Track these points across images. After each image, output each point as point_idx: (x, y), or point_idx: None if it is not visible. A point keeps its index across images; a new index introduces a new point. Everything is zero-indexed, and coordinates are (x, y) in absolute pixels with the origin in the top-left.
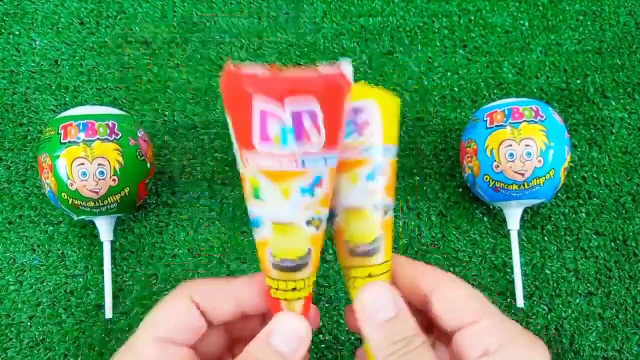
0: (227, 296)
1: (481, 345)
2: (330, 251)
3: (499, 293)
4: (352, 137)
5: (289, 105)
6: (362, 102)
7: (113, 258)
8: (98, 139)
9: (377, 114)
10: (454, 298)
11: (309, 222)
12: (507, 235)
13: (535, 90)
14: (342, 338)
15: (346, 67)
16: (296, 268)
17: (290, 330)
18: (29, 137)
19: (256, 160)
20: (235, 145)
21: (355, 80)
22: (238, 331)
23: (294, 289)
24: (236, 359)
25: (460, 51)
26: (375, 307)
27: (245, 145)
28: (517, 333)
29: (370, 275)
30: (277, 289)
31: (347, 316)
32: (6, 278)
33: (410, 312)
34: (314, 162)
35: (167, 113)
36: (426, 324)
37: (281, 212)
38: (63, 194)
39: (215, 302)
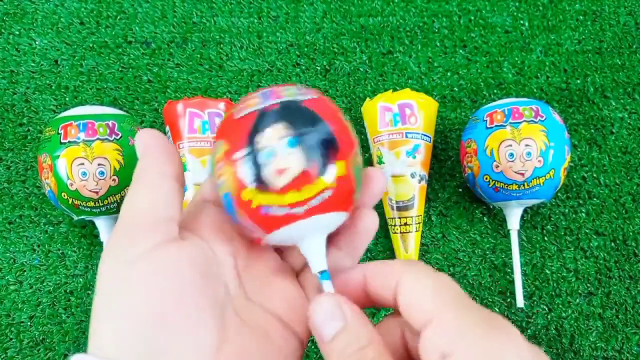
0: None
1: (437, 348)
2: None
3: (499, 293)
4: (399, 124)
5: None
6: (407, 101)
7: None
8: (98, 139)
9: (417, 109)
10: (417, 292)
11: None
12: (507, 235)
13: (535, 90)
14: None
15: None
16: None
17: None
18: (29, 137)
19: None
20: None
21: (361, 81)
22: None
23: None
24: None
25: (460, 51)
26: (323, 323)
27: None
28: (485, 327)
29: (406, 224)
30: None
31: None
32: (6, 278)
33: (363, 318)
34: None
35: None
36: None
37: (199, 178)
38: (63, 194)
39: None
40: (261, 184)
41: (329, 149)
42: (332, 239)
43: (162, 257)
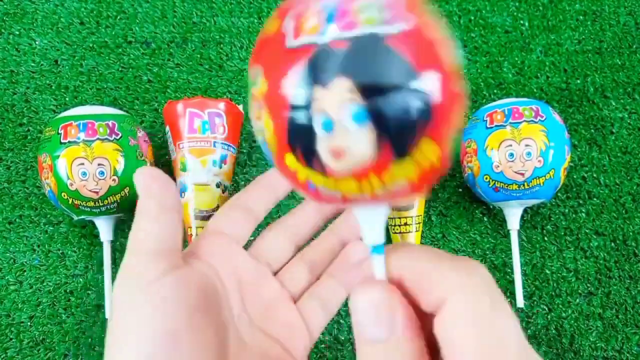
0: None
1: (446, 336)
2: None
3: None
4: None
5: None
6: None
7: (113, 258)
8: (98, 139)
9: None
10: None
11: (217, 185)
12: (507, 235)
13: (535, 90)
14: (342, 338)
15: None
16: (208, 217)
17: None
18: (29, 137)
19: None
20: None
21: None
22: None
23: None
24: None
25: (460, 51)
26: (366, 319)
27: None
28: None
29: (406, 224)
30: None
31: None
32: (6, 278)
33: (413, 330)
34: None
35: None
36: None
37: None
38: (63, 194)
39: None
40: (310, 160)
41: (417, 124)
42: (325, 268)
43: (172, 281)
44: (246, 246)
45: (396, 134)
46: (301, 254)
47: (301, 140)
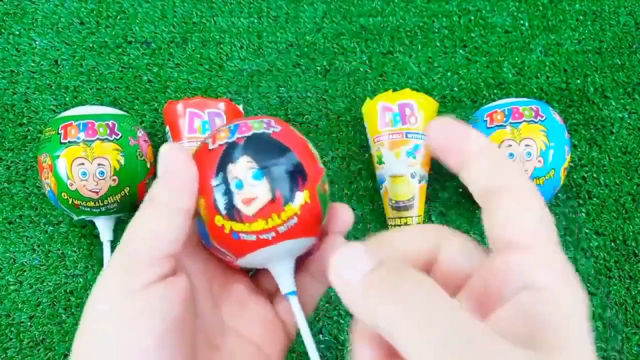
0: None
1: (526, 276)
2: None
3: None
4: (399, 124)
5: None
6: (407, 101)
7: None
8: (98, 139)
9: (417, 109)
10: (521, 213)
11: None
12: None
13: (535, 90)
14: (342, 338)
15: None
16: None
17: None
18: (29, 137)
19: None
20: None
21: (361, 81)
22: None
23: None
24: None
25: (460, 51)
26: (350, 263)
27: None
28: (571, 275)
29: (406, 224)
30: None
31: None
32: (6, 278)
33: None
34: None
35: None
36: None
37: None
38: (63, 194)
39: None
40: (232, 212)
41: (294, 178)
42: (304, 265)
43: (156, 294)
44: None
45: (282, 183)
46: None
47: (224, 199)
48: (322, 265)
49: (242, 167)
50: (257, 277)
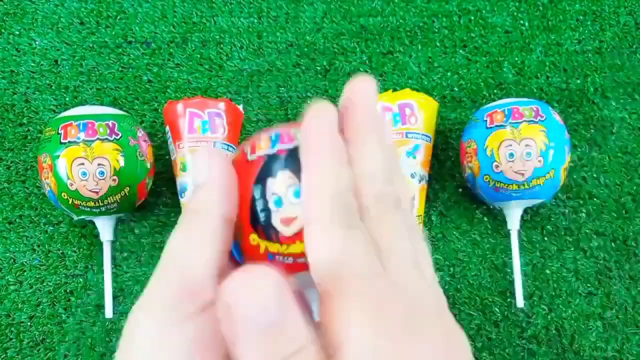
0: None
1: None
2: None
3: (499, 293)
4: (398, 125)
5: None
6: (407, 101)
7: (113, 258)
8: (98, 139)
9: (417, 109)
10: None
11: None
12: (507, 235)
13: (535, 90)
14: None
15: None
16: None
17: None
18: (29, 137)
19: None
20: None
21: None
22: None
23: None
24: None
25: (460, 51)
26: (250, 308)
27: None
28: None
29: None
30: None
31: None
32: (6, 278)
33: (298, 311)
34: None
35: None
36: None
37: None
38: (63, 194)
39: None
40: (268, 232)
41: None
42: None
43: (207, 320)
44: None
45: None
46: None
47: (260, 218)
48: None
49: (283, 183)
50: None
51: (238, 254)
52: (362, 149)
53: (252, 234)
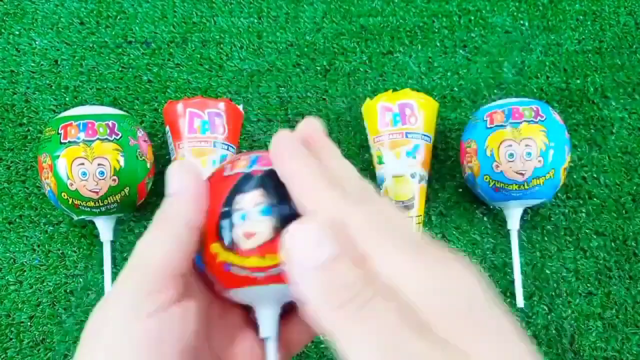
0: None
1: None
2: None
3: (499, 293)
4: (399, 125)
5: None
6: (407, 101)
7: (113, 258)
8: (98, 139)
9: (417, 109)
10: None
11: None
12: (507, 235)
13: (535, 90)
14: None
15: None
16: None
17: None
18: (29, 137)
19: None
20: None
21: (361, 81)
22: None
23: None
24: None
25: (460, 51)
26: (306, 248)
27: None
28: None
29: None
30: None
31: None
32: (6, 278)
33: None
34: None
35: None
36: None
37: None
38: (63, 194)
39: None
40: (229, 242)
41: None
42: (294, 311)
43: (171, 319)
44: None
45: (286, 225)
46: None
47: (224, 228)
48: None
49: (251, 201)
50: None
51: (198, 260)
52: (330, 160)
53: (214, 243)
